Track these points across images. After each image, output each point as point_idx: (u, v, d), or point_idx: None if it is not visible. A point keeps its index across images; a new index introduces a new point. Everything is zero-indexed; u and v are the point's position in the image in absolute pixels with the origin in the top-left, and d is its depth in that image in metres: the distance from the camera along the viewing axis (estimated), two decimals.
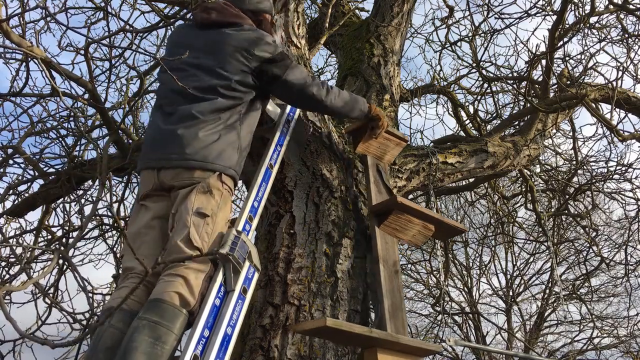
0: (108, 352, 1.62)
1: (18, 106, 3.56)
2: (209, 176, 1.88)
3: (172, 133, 1.92)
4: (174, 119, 1.97)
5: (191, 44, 2.13)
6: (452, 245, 8.29)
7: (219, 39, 2.10)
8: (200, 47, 2.11)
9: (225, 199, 1.92)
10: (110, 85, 4.90)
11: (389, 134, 2.62)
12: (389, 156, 2.69)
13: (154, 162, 1.95)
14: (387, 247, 2.32)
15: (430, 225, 2.44)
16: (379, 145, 2.61)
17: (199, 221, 1.80)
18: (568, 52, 8.50)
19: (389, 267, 2.25)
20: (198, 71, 2.05)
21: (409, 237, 2.43)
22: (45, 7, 2.59)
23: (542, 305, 11.70)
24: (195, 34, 2.19)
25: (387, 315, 2.07)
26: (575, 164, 5.59)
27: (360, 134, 2.56)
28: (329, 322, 1.70)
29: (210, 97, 1.98)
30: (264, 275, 2.29)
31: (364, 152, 2.59)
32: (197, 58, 2.08)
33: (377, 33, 3.96)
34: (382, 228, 2.34)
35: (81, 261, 4.20)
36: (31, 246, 3.46)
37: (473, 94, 5.57)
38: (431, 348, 2.05)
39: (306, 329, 1.77)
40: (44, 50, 3.09)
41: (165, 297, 1.65)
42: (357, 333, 1.79)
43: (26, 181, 3.68)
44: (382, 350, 1.89)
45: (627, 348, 10.18)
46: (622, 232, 7.51)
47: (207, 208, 1.84)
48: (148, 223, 1.92)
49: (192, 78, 2.03)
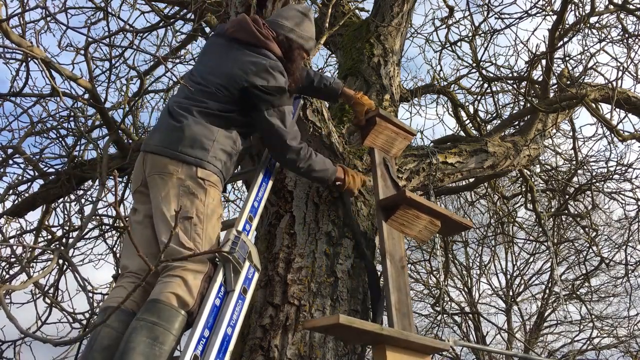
0: (104, 352, 1.62)
1: (18, 106, 3.57)
2: (183, 170, 1.87)
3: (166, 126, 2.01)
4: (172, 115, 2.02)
5: (213, 51, 2.21)
6: (452, 245, 8.29)
7: (232, 55, 2.11)
8: (216, 55, 2.17)
9: (210, 195, 1.88)
10: (110, 85, 4.89)
11: (397, 127, 2.58)
12: (395, 150, 2.64)
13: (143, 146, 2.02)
14: (394, 242, 2.28)
15: (437, 220, 2.40)
16: (386, 138, 2.57)
17: (185, 224, 1.80)
18: (568, 52, 8.49)
19: (396, 263, 2.21)
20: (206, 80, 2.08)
21: (415, 232, 2.39)
22: (45, 7, 2.59)
23: (542, 305, 11.70)
24: (220, 42, 2.23)
25: (394, 312, 2.03)
26: (575, 164, 5.59)
27: (367, 127, 2.53)
28: (342, 319, 1.68)
29: (205, 101, 2.00)
30: (264, 275, 2.29)
31: (371, 145, 2.54)
32: (209, 66, 2.13)
33: (377, 33, 3.96)
34: (389, 223, 2.29)
35: (81, 261, 4.21)
36: (31, 246, 3.45)
37: (473, 94, 5.57)
38: (439, 346, 2.04)
39: (318, 326, 1.75)
40: (44, 50, 3.09)
41: (162, 298, 1.65)
42: (369, 330, 1.77)
43: (26, 181, 3.68)
44: (391, 347, 1.86)
45: (627, 348, 10.18)
46: (622, 232, 7.52)
47: (190, 210, 1.82)
48: (140, 222, 1.94)
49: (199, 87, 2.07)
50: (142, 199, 1.97)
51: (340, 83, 2.58)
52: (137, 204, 1.99)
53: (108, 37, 2.57)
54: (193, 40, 4.92)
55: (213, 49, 2.22)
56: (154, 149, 1.93)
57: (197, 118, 1.95)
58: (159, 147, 1.92)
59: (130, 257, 1.90)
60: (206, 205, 1.85)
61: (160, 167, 1.88)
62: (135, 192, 2.00)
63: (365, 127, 2.54)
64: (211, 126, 1.96)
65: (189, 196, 1.83)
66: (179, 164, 1.87)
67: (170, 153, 1.88)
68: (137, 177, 2.00)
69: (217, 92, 2.01)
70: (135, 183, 2.01)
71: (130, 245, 1.88)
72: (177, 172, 1.86)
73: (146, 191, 1.95)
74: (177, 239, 1.76)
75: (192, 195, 1.84)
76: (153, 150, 1.93)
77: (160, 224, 1.82)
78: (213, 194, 1.89)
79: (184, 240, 1.76)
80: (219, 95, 2.01)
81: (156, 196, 1.86)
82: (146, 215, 1.94)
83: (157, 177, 1.88)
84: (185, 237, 1.77)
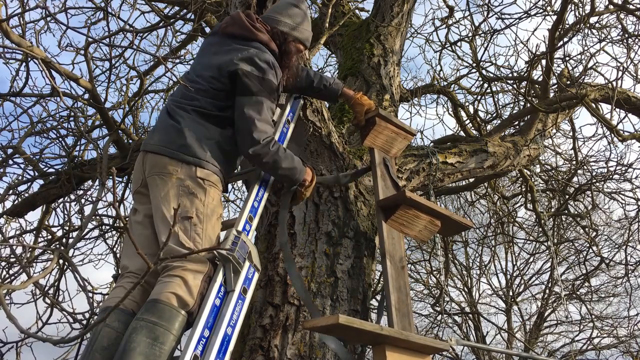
0: (104, 352, 1.62)
1: (18, 106, 3.57)
2: (182, 170, 1.86)
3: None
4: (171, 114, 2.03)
5: (208, 49, 2.21)
6: (452, 245, 8.29)
7: (224, 49, 2.13)
8: (210, 52, 2.17)
9: (210, 195, 1.88)
10: (110, 85, 4.89)
11: (397, 127, 2.58)
12: (395, 150, 2.64)
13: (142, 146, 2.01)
14: (394, 242, 2.28)
15: (437, 220, 2.40)
16: (386, 138, 2.57)
17: (185, 224, 1.80)
18: (568, 52, 8.51)
19: (396, 263, 2.21)
20: (200, 77, 2.08)
21: (415, 232, 2.39)
22: (45, 7, 2.59)
23: (542, 305, 11.70)
24: (215, 40, 2.23)
25: (394, 312, 2.04)
26: (575, 164, 5.59)
27: (367, 127, 2.53)
28: (342, 319, 1.68)
29: (200, 98, 2.01)
30: (264, 275, 2.29)
31: (371, 145, 2.55)
32: (203, 63, 2.13)
33: (377, 33, 3.96)
34: (389, 223, 2.29)
35: (81, 261, 4.22)
36: (31, 246, 3.45)
37: (473, 94, 5.57)
38: (439, 346, 2.04)
39: (318, 326, 1.74)
40: (44, 50, 3.09)
41: (162, 298, 1.65)
42: (368, 330, 1.76)
43: (26, 181, 3.68)
44: (391, 347, 1.86)
45: (627, 348, 10.18)
46: (622, 232, 7.52)
47: (190, 210, 1.81)
48: (140, 222, 1.94)
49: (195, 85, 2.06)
50: (142, 200, 1.97)
51: (340, 83, 2.57)
52: (137, 204, 1.99)
53: (108, 37, 2.56)
54: (193, 40, 4.93)
55: (208, 48, 2.23)
56: (153, 148, 1.93)
57: (195, 117, 1.96)
58: (158, 147, 1.92)
59: (130, 257, 1.90)
60: (206, 205, 1.85)
61: (159, 167, 1.88)
62: (136, 193, 2.00)
63: (365, 127, 2.54)
64: (209, 125, 1.96)
65: (189, 196, 1.83)
66: (179, 163, 1.87)
67: (169, 152, 1.88)
68: (137, 178, 2.00)
69: (210, 86, 2.02)
70: (135, 183, 2.01)
71: (131, 246, 1.88)
72: (177, 172, 1.86)
73: (146, 192, 1.95)
74: (177, 239, 1.76)
75: (192, 195, 1.83)
76: (152, 150, 1.93)
77: (160, 224, 1.82)
78: (213, 194, 1.89)
79: (184, 240, 1.76)
80: (212, 90, 2.01)
81: (156, 196, 1.86)
82: (146, 215, 1.94)
83: (156, 178, 1.88)
84: (185, 236, 1.77)
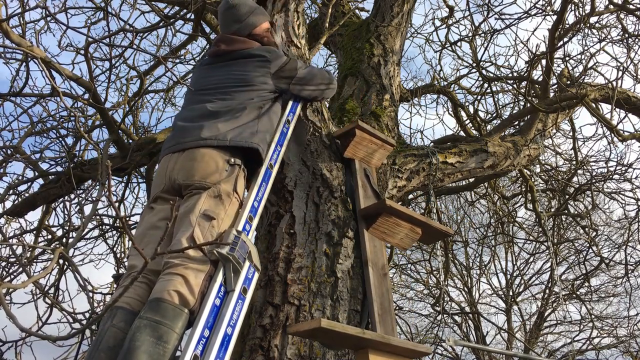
0: (110, 352, 1.62)
1: (18, 106, 3.57)
2: (223, 173, 1.96)
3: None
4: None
5: (209, 74, 2.38)
6: (452, 245, 8.29)
7: (235, 62, 2.32)
8: (218, 73, 2.33)
9: (233, 207, 1.97)
10: (110, 85, 4.89)
11: (377, 138, 2.66)
12: (376, 160, 2.72)
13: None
14: (376, 250, 2.36)
15: (418, 228, 2.47)
16: (367, 149, 2.65)
17: (204, 222, 1.83)
18: (568, 52, 8.50)
19: (378, 270, 2.29)
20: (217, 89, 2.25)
21: (397, 240, 2.47)
22: (45, 7, 2.59)
23: (542, 305, 11.70)
24: (210, 68, 2.39)
25: (377, 318, 2.11)
26: (575, 164, 5.59)
27: (347, 138, 2.60)
28: (324, 322, 1.71)
29: (228, 98, 2.19)
30: (264, 275, 2.29)
31: (352, 157, 2.63)
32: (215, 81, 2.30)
33: (377, 33, 3.96)
34: (371, 231, 2.38)
35: (81, 261, 4.21)
36: (31, 246, 3.45)
37: (473, 94, 5.57)
38: (421, 349, 2.06)
39: (301, 330, 1.77)
40: (44, 50, 3.09)
41: (165, 296, 1.65)
42: (350, 334, 1.80)
43: (26, 181, 3.68)
44: (374, 351, 1.90)
45: (627, 348, 10.18)
46: (622, 232, 7.52)
47: (214, 212, 1.87)
48: (154, 224, 1.95)
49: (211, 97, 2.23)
50: (162, 203, 2.00)
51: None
52: (157, 204, 2.01)
53: (108, 37, 2.56)
54: (193, 40, 4.93)
55: (207, 71, 2.38)
56: (198, 143, 1.99)
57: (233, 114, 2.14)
58: (203, 141, 1.99)
59: (138, 256, 1.91)
60: (227, 215, 1.93)
61: (202, 169, 1.95)
62: (157, 198, 2.02)
63: (345, 139, 2.62)
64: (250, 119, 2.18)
65: (217, 200, 1.90)
66: (227, 153, 2.00)
67: (219, 143, 2.00)
68: (159, 182, 2.03)
69: (239, 106, 2.17)
70: (158, 187, 2.03)
71: (141, 247, 1.88)
72: (219, 168, 1.96)
73: (168, 196, 1.97)
74: (191, 234, 1.78)
75: (220, 200, 1.91)
76: (197, 145, 1.99)
77: (181, 223, 1.85)
78: (234, 206, 1.99)
79: (198, 237, 1.79)
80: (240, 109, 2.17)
81: (192, 203, 1.90)
82: (163, 217, 1.96)
83: (194, 191, 1.93)
84: (200, 233, 1.80)
